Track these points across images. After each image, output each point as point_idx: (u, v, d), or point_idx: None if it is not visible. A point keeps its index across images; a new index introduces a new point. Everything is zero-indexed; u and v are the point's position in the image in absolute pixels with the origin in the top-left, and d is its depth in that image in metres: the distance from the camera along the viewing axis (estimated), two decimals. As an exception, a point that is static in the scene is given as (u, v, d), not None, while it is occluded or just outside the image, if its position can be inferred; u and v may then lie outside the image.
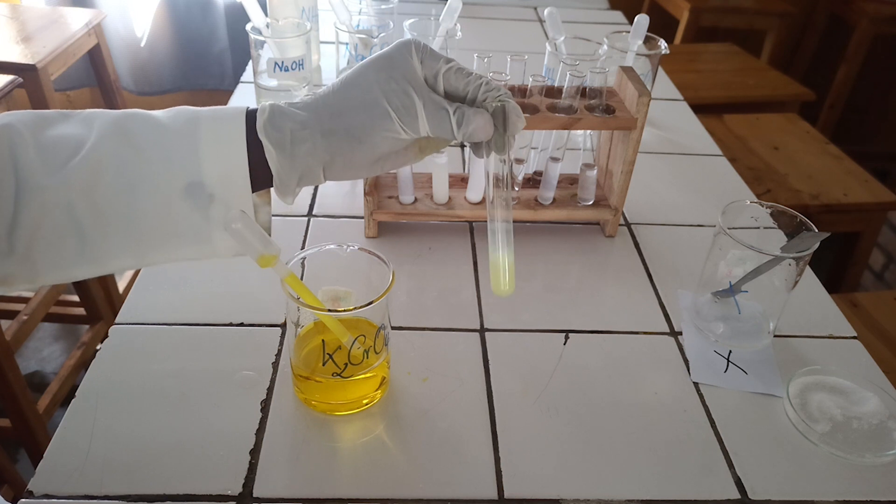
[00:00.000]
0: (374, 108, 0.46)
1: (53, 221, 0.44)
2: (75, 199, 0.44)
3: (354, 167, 0.48)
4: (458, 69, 0.47)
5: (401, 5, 1.03)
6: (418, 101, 0.46)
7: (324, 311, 0.49)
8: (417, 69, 0.47)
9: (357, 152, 0.47)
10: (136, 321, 0.60)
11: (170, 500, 0.46)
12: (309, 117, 0.47)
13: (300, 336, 0.54)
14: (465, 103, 0.48)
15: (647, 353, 0.62)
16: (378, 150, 0.48)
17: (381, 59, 0.47)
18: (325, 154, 0.47)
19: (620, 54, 0.91)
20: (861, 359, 0.63)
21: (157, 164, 0.45)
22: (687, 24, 2.21)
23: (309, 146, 0.46)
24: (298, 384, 0.54)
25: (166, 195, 0.45)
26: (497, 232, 0.48)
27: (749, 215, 0.64)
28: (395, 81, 0.46)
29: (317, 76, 1.07)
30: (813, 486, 0.51)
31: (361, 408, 0.54)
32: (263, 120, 0.46)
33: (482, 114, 0.46)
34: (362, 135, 0.46)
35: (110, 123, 0.46)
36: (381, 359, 0.53)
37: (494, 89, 0.47)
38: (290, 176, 0.47)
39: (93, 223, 0.45)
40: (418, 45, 0.47)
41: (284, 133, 0.46)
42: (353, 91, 0.47)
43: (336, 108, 0.47)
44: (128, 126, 0.46)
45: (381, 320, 0.52)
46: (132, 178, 0.45)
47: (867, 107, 2.59)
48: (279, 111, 0.47)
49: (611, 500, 0.49)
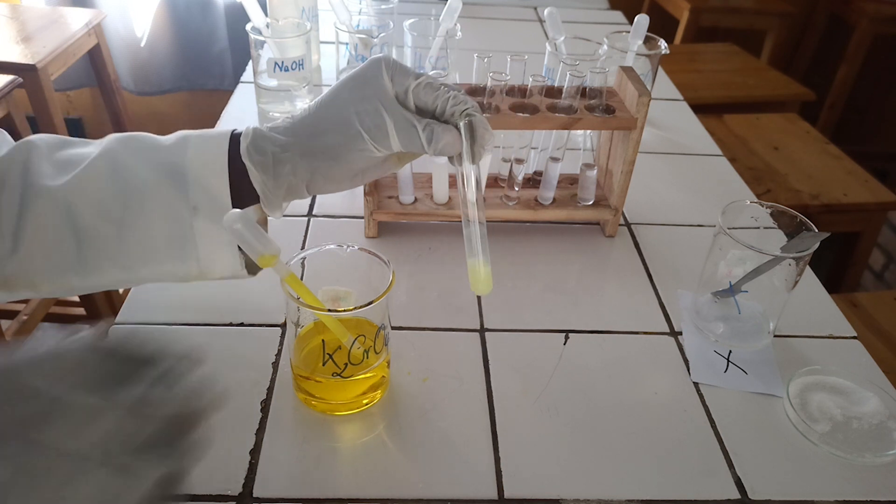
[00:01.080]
0: (348, 128, 0.48)
1: (54, 223, 0.47)
2: (74, 202, 0.47)
3: (335, 181, 0.51)
4: (426, 84, 0.49)
5: (401, 5, 1.03)
6: (389, 120, 0.48)
7: (324, 311, 0.49)
8: (388, 87, 0.48)
9: (334, 169, 0.50)
10: (136, 321, 0.60)
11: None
12: (289, 140, 0.49)
13: (300, 336, 0.54)
14: (435, 117, 0.49)
15: (647, 353, 0.62)
16: (355, 166, 0.50)
17: (353, 79, 0.49)
18: (305, 172, 0.50)
19: (620, 54, 0.91)
20: (861, 359, 0.63)
21: (146, 174, 0.48)
22: (687, 24, 2.21)
23: (290, 167, 0.49)
24: (299, 384, 0.54)
25: (154, 205, 0.48)
26: (473, 236, 0.49)
27: (749, 215, 0.64)
28: (367, 101, 0.48)
29: (317, 76, 1.07)
30: (813, 486, 0.51)
31: (361, 408, 0.54)
32: (246, 144, 0.49)
33: (450, 130, 0.48)
34: (338, 154, 0.49)
35: (115, 140, 0.50)
36: (381, 359, 0.53)
37: (461, 103, 0.48)
38: (275, 193, 0.50)
39: (89, 228, 0.47)
40: (388, 61, 0.49)
41: (266, 156, 0.49)
42: (328, 112, 0.49)
43: (313, 129, 0.49)
44: (129, 142, 0.50)
45: (381, 320, 0.52)
46: (123, 185, 0.48)
47: (867, 107, 2.59)
48: (261, 135, 0.49)
49: (611, 500, 0.49)
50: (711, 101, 1.79)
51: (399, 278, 0.69)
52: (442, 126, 0.48)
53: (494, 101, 0.67)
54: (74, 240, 0.48)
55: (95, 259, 0.49)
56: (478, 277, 0.49)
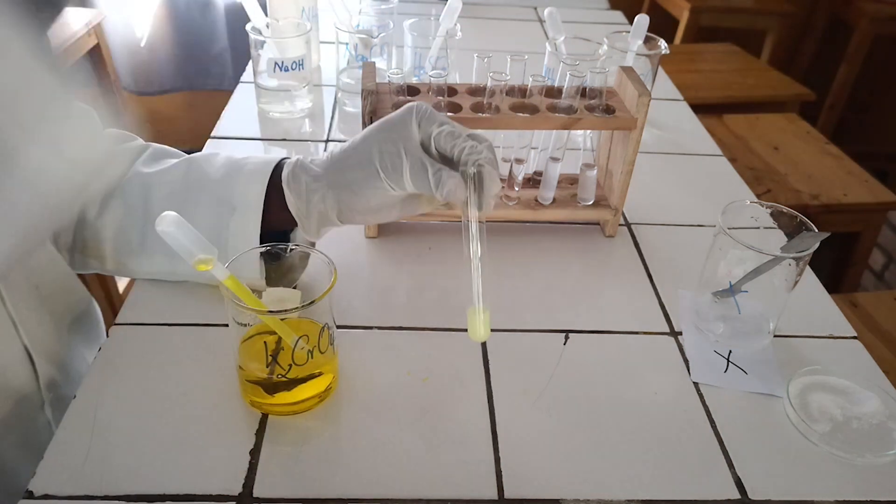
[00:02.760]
0: (368, 165, 0.53)
1: (133, 202, 0.59)
2: (153, 186, 0.59)
3: (360, 214, 0.56)
4: (448, 132, 0.52)
5: (401, 5, 1.03)
6: (406, 161, 0.51)
7: (264, 312, 0.49)
8: (414, 132, 0.52)
9: (355, 202, 0.55)
10: (136, 321, 0.60)
11: (170, 500, 0.46)
12: (320, 172, 0.56)
13: (244, 338, 0.53)
14: (452, 165, 0.52)
15: (647, 353, 0.62)
16: (372, 201, 0.55)
17: (385, 121, 0.54)
18: (333, 202, 0.56)
19: (620, 54, 0.91)
20: (861, 359, 0.63)
21: (211, 180, 0.59)
22: (687, 24, 2.21)
23: (319, 196, 0.56)
24: (243, 387, 0.53)
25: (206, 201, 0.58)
26: (473, 284, 0.50)
27: (749, 215, 0.64)
28: (392, 143, 0.52)
29: (317, 76, 1.07)
30: (813, 486, 0.51)
31: (309, 409, 0.53)
32: (287, 173, 0.57)
33: (455, 177, 0.50)
34: (357, 188, 0.54)
35: (200, 153, 0.63)
36: (327, 359, 0.52)
37: (476, 153, 0.51)
38: (309, 218, 0.57)
39: (154, 212, 0.54)
40: (420, 109, 0.53)
41: (301, 184, 0.56)
42: (356, 150, 0.54)
43: (341, 164, 0.55)
44: (208, 156, 0.61)
45: (324, 320, 0.51)
46: (189, 184, 0.59)
47: (867, 107, 2.59)
48: (300, 166, 0.57)
49: (611, 500, 0.49)
50: (711, 101, 1.79)
51: (399, 278, 0.69)
52: (450, 172, 0.50)
53: (494, 101, 0.67)
54: (142, 221, 0.59)
55: (152, 244, 0.59)
56: (475, 324, 0.50)
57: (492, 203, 0.52)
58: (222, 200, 0.57)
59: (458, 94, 0.70)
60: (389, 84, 0.67)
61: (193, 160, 0.61)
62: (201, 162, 0.61)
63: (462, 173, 0.51)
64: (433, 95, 0.68)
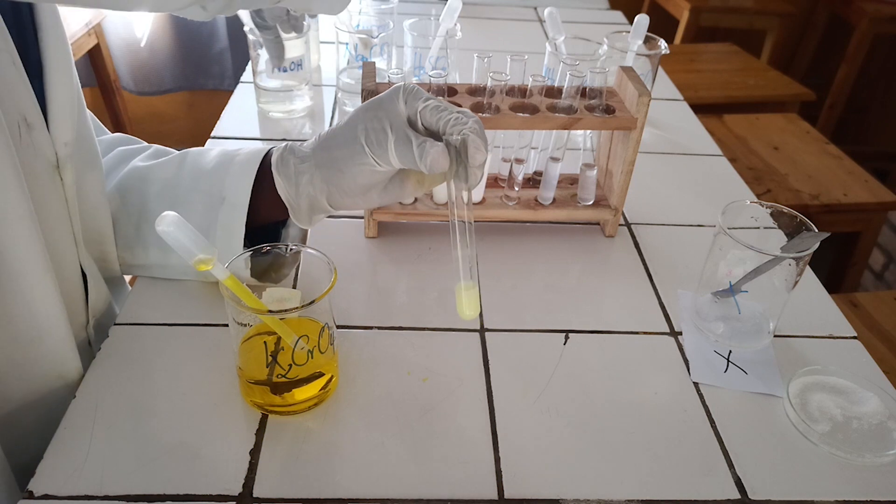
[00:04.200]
0: (353, 142, 0.53)
1: (130, 195, 0.61)
2: (149, 179, 0.61)
3: (349, 195, 0.55)
4: (434, 106, 0.51)
5: (401, 5, 1.03)
6: (391, 136, 0.51)
7: (264, 312, 0.49)
8: (401, 109, 0.52)
9: (342, 181, 0.54)
10: (136, 321, 0.60)
11: (170, 500, 0.46)
12: (308, 153, 0.56)
13: (244, 338, 0.53)
14: (439, 138, 0.51)
15: (646, 353, 0.62)
16: (359, 179, 0.54)
17: (373, 101, 0.53)
18: (321, 184, 0.55)
19: (620, 54, 0.91)
20: (861, 359, 0.63)
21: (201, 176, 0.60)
22: (687, 24, 2.21)
23: (308, 177, 0.55)
24: (244, 387, 0.53)
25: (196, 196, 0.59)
26: (459, 260, 0.50)
27: (749, 215, 0.64)
28: (377, 120, 0.52)
29: (317, 76, 1.07)
30: (813, 486, 0.51)
31: (308, 409, 0.53)
32: (276, 157, 0.57)
33: (438, 146, 0.49)
34: (343, 166, 0.53)
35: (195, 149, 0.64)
36: (327, 359, 0.52)
37: (461, 123, 0.50)
38: (298, 202, 0.56)
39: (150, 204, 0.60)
40: (406, 87, 0.52)
41: (289, 167, 0.56)
42: (343, 129, 0.54)
43: (328, 143, 0.55)
44: (203, 151, 0.63)
45: (324, 319, 0.51)
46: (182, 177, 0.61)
47: (867, 107, 2.59)
48: (289, 149, 0.57)
49: (611, 500, 0.49)
50: (711, 101, 1.79)
51: (399, 278, 0.69)
52: (432, 142, 0.49)
53: (494, 101, 0.67)
54: (137, 212, 0.61)
55: (146, 236, 0.61)
56: (461, 301, 0.49)
57: (478, 174, 0.50)
58: (213, 191, 0.58)
59: (458, 94, 0.70)
60: (389, 84, 0.67)
61: (189, 153, 0.63)
62: (196, 155, 0.62)
63: (446, 143, 0.50)
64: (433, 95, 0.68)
